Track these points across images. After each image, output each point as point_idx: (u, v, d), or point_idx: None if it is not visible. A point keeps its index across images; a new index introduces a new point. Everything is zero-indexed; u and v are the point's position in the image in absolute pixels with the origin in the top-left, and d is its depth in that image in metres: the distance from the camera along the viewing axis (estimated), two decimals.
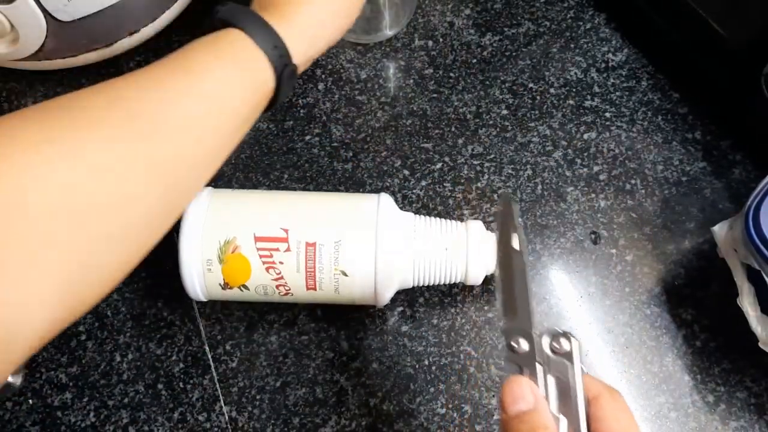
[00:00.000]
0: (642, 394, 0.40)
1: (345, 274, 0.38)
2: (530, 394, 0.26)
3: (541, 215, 0.46)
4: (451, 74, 0.52)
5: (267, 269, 0.38)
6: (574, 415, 0.26)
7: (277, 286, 0.38)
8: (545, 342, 0.27)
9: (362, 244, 0.38)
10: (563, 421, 0.26)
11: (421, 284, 0.40)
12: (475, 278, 0.40)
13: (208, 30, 0.34)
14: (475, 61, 0.53)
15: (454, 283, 0.43)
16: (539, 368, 0.27)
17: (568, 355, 0.27)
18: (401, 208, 0.41)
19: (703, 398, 0.40)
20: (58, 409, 0.40)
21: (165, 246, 0.45)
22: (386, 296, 0.40)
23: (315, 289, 0.39)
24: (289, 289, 0.39)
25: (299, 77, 0.40)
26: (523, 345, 0.27)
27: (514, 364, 0.27)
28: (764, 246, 0.36)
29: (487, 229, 0.41)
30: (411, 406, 0.40)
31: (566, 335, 0.27)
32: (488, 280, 0.42)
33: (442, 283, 0.41)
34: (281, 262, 0.38)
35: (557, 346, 0.27)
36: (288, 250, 0.37)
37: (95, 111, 0.28)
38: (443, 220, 0.41)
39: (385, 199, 0.40)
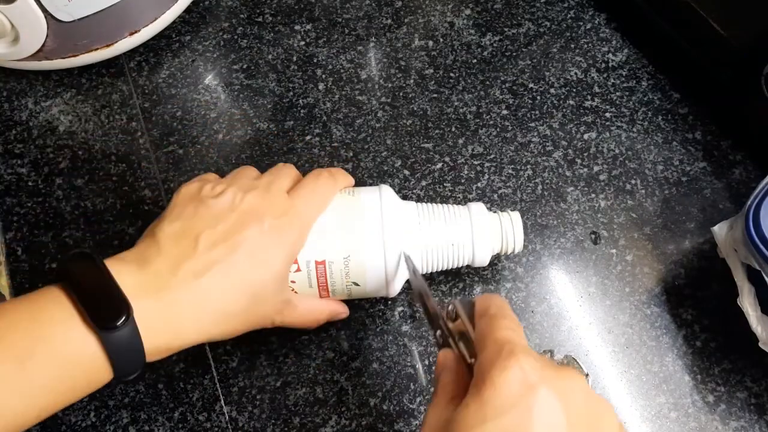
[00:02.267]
0: (642, 394, 0.40)
1: (357, 284, 0.38)
2: (450, 360, 0.31)
3: (541, 215, 0.46)
4: (452, 74, 0.52)
5: None
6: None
7: None
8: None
9: (371, 257, 0.37)
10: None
11: (430, 271, 0.41)
12: (482, 260, 0.40)
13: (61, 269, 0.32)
14: (475, 61, 0.53)
15: (454, 284, 0.43)
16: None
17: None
18: None
19: (704, 398, 0.40)
20: None
21: None
22: (397, 288, 0.40)
23: (328, 296, 0.39)
24: None
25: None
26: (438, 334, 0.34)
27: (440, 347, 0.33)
28: (764, 246, 0.36)
29: (489, 209, 0.41)
30: (411, 406, 0.40)
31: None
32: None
33: (449, 268, 0.41)
34: (293, 281, 0.38)
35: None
36: (298, 270, 0.37)
37: None
38: (445, 205, 0.41)
39: (386, 194, 0.39)
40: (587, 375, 0.34)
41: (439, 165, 0.48)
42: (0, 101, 0.51)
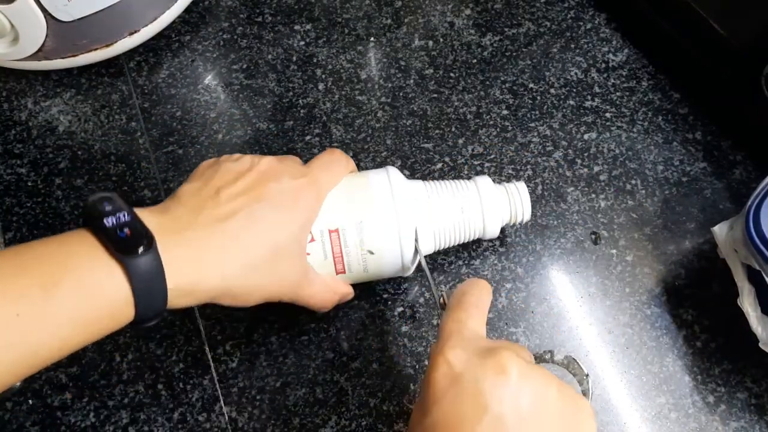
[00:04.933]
0: (642, 395, 0.40)
1: (372, 253, 0.38)
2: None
3: (541, 215, 0.46)
4: (452, 74, 0.52)
5: None
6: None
7: None
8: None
9: (384, 221, 0.38)
10: None
11: (442, 247, 0.41)
12: (493, 232, 0.41)
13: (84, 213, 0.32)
14: (475, 61, 0.53)
15: (454, 284, 0.43)
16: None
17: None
18: None
19: (704, 399, 0.40)
20: (58, 410, 0.40)
21: None
22: (412, 267, 0.40)
23: (344, 272, 0.39)
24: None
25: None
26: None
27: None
28: (765, 246, 0.36)
29: (494, 182, 0.41)
30: (411, 406, 0.40)
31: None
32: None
33: (461, 242, 0.41)
34: (308, 254, 0.37)
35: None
36: (312, 240, 0.37)
37: None
38: (452, 181, 0.41)
39: (394, 171, 0.40)
40: (587, 375, 0.34)
41: (439, 165, 0.48)
42: (0, 101, 0.51)
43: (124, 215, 0.30)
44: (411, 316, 0.43)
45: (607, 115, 0.50)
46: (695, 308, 0.43)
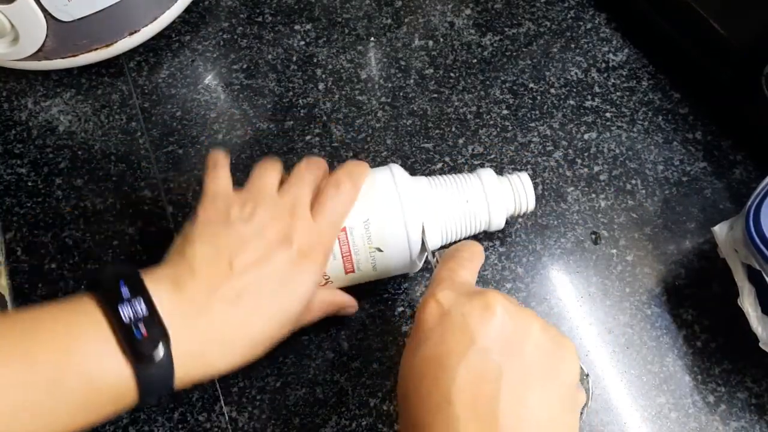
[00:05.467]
0: (643, 395, 0.40)
1: (380, 250, 0.38)
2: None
3: (541, 215, 0.46)
4: (452, 74, 0.52)
5: None
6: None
7: None
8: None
9: (390, 218, 0.38)
10: None
11: (449, 241, 0.41)
12: (498, 223, 0.41)
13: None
14: (475, 61, 0.53)
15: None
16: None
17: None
18: None
19: (704, 399, 0.40)
20: None
21: (165, 244, 0.45)
22: (419, 263, 0.40)
23: (353, 271, 0.39)
24: (329, 277, 0.38)
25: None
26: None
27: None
28: (765, 246, 0.36)
29: (498, 174, 0.42)
30: None
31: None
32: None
33: (467, 235, 0.41)
34: None
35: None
36: None
37: None
38: (455, 175, 0.41)
39: (397, 168, 0.40)
40: (587, 375, 0.34)
41: (440, 165, 0.48)
42: (0, 101, 0.51)
43: (141, 306, 0.30)
44: (411, 316, 0.43)
45: (608, 114, 0.50)
46: (695, 308, 0.43)
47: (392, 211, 0.38)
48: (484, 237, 0.45)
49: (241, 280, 0.33)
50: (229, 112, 0.51)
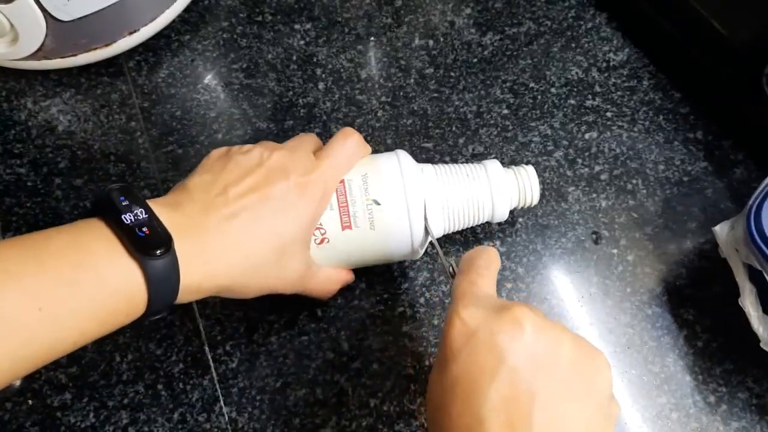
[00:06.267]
0: (643, 395, 0.40)
1: (377, 203, 0.38)
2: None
3: (542, 215, 0.46)
4: (452, 74, 0.52)
5: None
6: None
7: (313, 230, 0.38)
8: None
9: (388, 172, 0.39)
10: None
11: (452, 230, 0.41)
12: (502, 214, 0.41)
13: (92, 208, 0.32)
14: (475, 60, 0.52)
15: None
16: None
17: None
18: None
19: (705, 399, 0.40)
20: (58, 410, 0.40)
21: None
22: (420, 250, 0.40)
23: (350, 227, 0.38)
24: (325, 233, 0.38)
25: None
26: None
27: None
28: (766, 246, 0.36)
29: (504, 166, 0.42)
30: (411, 406, 0.40)
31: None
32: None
33: (471, 225, 0.41)
34: None
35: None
36: None
37: None
38: (461, 164, 0.41)
39: (404, 154, 0.40)
40: None
41: None
42: (0, 101, 0.51)
43: (141, 212, 0.31)
44: (411, 316, 0.43)
45: (608, 114, 0.50)
46: (696, 308, 0.43)
47: (390, 168, 0.39)
48: (484, 237, 0.45)
49: (237, 203, 0.34)
50: (228, 111, 0.50)
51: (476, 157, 0.48)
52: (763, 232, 0.36)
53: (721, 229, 0.40)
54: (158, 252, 0.30)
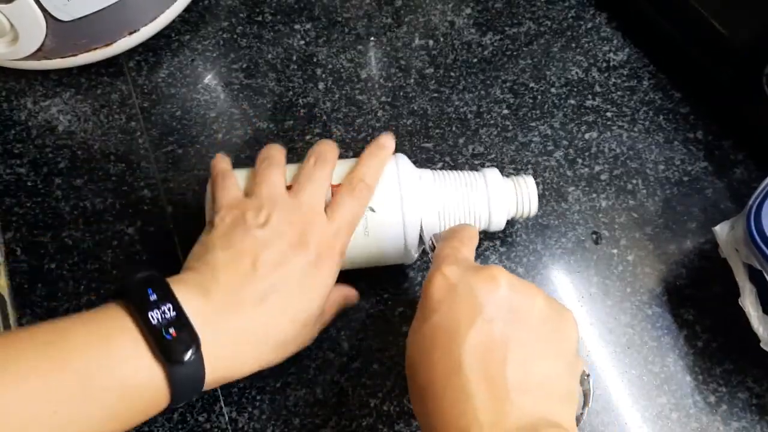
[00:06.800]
0: (643, 395, 0.40)
1: (372, 210, 0.38)
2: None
3: (542, 215, 0.46)
4: (452, 74, 0.52)
5: None
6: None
7: None
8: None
9: (385, 178, 0.39)
10: None
11: None
12: (498, 223, 0.41)
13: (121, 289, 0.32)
14: (475, 60, 0.52)
15: None
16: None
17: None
18: None
19: (705, 399, 0.40)
20: None
21: (165, 244, 0.45)
22: (414, 254, 0.41)
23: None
24: None
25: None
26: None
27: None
28: (766, 246, 0.36)
29: (503, 175, 0.42)
30: (411, 406, 0.40)
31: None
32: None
33: None
34: None
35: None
36: None
37: None
38: (460, 171, 0.41)
39: (403, 159, 0.40)
40: (588, 375, 0.33)
41: (440, 165, 0.48)
42: None
43: (169, 310, 0.31)
44: (411, 316, 0.43)
45: (608, 114, 0.50)
46: (696, 308, 0.43)
47: (388, 175, 0.39)
48: (484, 237, 0.45)
49: (264, 282, 0.33)
50: (228, 111, 0.50)
51: (476, 157, 0.48)
52: (763, 232, 0.36)
53: (721, 229, 0.40)
54: (184, 358, 0.30)
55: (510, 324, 0.30)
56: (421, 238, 0.39)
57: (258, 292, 0.33)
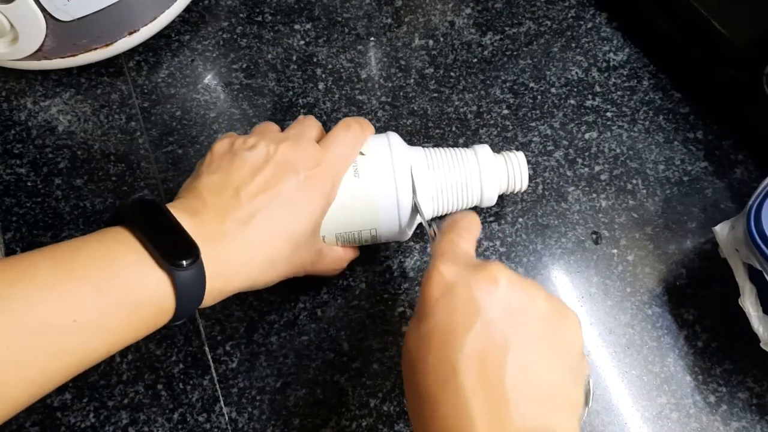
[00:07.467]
0: (643, 395, 0.40)
1: (361, 153, 0.39)
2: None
3: (542, 215, 0.46)
4: (452, 74, 0.52)
5: None
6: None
7: None
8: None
9: (377, 139, 0.40)
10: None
11: (441, 213, 0.42)
12: (490, 198, 0.42)
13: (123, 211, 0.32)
14: (475, 60, 0.52)
15: None
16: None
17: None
18: None
19: (705, 399, 0.40)
20: (58, 410, 0.40)
21: None
22: (409, 231, 0.41)
23: None
24: None
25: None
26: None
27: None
28: (766, 246, 0.36)
29: (494, 152, 0.42)
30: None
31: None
32: None
33: (459, 208, 0.42)
34: None
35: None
36: None
37: None
38: (452, 148, 0.42)
39: (394, 136, 0.41)
40: (588, 375, 0.33)
41: None
42: None
43: (166, 222, 0.32)
44: (411, 316, 0.43)
45: (608, 114, 0.50)
46: (696, 308, 0.43)
47: (378, 139, 0.40)
48: (484, 237, 0.45)
49: (250, 206, 0.34)
50: (228, 111, 0.50)
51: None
52: (763, 232, 0.36)
53: (721, 229, 0.40)
54: (186, 263, 0.30)
55: (510, 326, 0.29)
56: (413, 209, 0.40)
57: (243, 215, 0.34)
